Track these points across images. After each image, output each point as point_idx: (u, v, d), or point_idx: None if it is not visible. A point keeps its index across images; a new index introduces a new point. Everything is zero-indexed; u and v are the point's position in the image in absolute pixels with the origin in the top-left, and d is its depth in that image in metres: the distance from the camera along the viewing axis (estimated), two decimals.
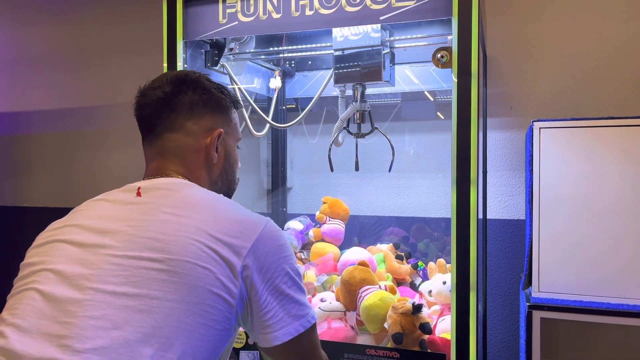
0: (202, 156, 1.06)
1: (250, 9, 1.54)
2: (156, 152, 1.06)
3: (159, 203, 0.93)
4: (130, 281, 0.83)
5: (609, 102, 2.03)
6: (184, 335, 0.81)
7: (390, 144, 1.80)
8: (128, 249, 0.86)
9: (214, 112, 1.07)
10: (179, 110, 1.04)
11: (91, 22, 2.93)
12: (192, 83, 1.06)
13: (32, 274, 0.89)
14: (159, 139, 1.05)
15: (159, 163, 1.04)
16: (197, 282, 0.84)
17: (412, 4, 1.39)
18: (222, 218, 0.91)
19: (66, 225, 0.96)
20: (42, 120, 3.06)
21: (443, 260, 1.78)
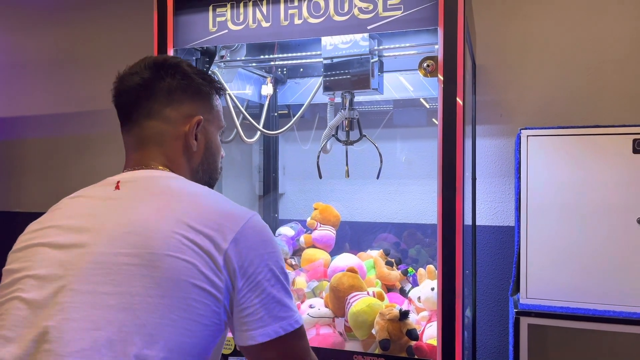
0: (181, 144, 1.02)
1: (240, 17, 1.56)
2: (135, 140, 1.02)
3: (138, 197, 0.91)
4: (110, 279, 0.81)
5: (595, 111, 2.06)
6: (169, 332, 0.79)
7: (378, 151, 1.81)
8: (107, 246, 0.84)
9: (193, 99, 1.03)
10: (156, 97, 1.01)
11: (84, 28, 2.95)
12: (170, 68, 1.02)
13: (15, 281, 0.88)
14: (137, 126, 1.02)
15: (140, 154, 1.01)
16: (179, 275, 0.81)
17: (399, 13, 1.40)
18: (203, 209, 0.88)
19: (45, 227, 0.93)
20: (34, 125, 3.07)
21: (433, 266, 1.80)
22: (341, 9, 1.46)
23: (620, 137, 1.66)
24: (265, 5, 1.53)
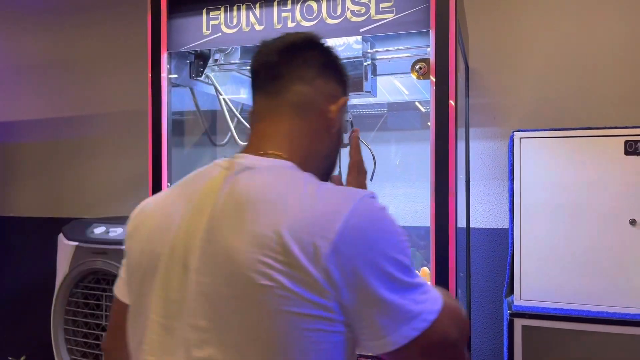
0: (322, 121, 0.92)
1: (233, 20, 1.56)
2: (275, 105, 0.90)
3: (233, 202, 0.79)
4: (207, 315, 0.76)
5: (588, 113, 2.07)
6: None
7: (371, 154, 1.82)
8: (206, 274, 0.77)
9: (338, 81, 0.95)
10: (311, 64, 0.91)
11: (78, 32, 2.95)
12: (326, 47, 0.94)
13: (145, 298, 0.84)
14: (285, 90, 0.89)
15: (266, 124, 0.90)
16: (279, 306, 0.71)
17: (392, 16, 1.41)
18: (298, 217, 0.74)
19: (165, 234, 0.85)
20: (28, 129, 3.07)
21: (427, 269, 1.80)
22: (334, 12, 1.47)
23: (612, 138, 1.67)
24: (258, 9, 1.54)
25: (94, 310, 2.12)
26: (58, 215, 2.90)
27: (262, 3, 1.53)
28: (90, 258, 2.09)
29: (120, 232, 2.11)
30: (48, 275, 2.30)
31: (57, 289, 2.16)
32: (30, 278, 2.97)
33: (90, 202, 2.90)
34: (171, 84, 1.69)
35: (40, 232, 2.90)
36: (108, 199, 2.86)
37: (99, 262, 2.06)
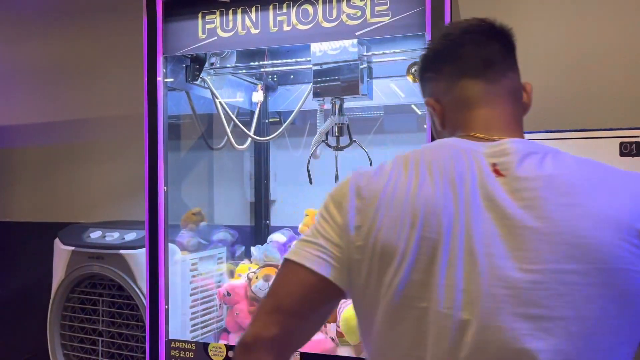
0: (523, 107, 0.94)
1: (229, 24, 1.57)
2: (496, 91, 0.89)
3: (540, 185, 0.75)
4: (544, 303, 0.71)
5: (583, 115, 2.07)
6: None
7: (368, 156, 1.82)
8: (534, 260, 0.71)
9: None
10: (511, 49, 0.93)
11: (73, 36, 2.95)
12: (512, 33, 0.98)
13: (415, 288, 0.76)
14: (503, 77, 0.90)
15: (494, 112, 0.87)
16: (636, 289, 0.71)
17: (387, 19, 1.42)
18: (631, 198, 0.74)
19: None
20: (23, 134, 3.06)
21: None
22: (330, 15, 1.47)
23: (607, 140, 1.68)
24: (254, 12, 1.54)
25: (91, 315, 2.12)
26: (54, 220, 2.89)
27: (257, 7, 1.54)
28: (87, 263, 2.08)
29: (116, 236, 2.10)
30: (44, 281, 2.29)
31: (53, 294, 2.15)
32: (26, 283, 2.96)
33: (86, 207, 2.89)
34: (167, 88, 1.69)
35: (35, 237, 2.89)
36: (104, 203, 2.86)
37: (96, 266, 2.05)
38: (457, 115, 0.89)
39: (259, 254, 1.94)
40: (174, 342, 1.64)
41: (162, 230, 1.66)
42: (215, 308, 1.97)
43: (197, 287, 1.90)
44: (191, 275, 1.89)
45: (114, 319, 2.07)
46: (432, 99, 0.93)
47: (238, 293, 1.85)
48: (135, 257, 1.99)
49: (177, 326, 1.74)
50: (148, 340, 1.66)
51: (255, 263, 1.97)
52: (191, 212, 2.05)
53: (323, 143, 1.84)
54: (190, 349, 1.62)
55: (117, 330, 2.06)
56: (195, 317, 1.87)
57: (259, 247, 1.97)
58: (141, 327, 2.00)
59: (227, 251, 2.11)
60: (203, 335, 1.89)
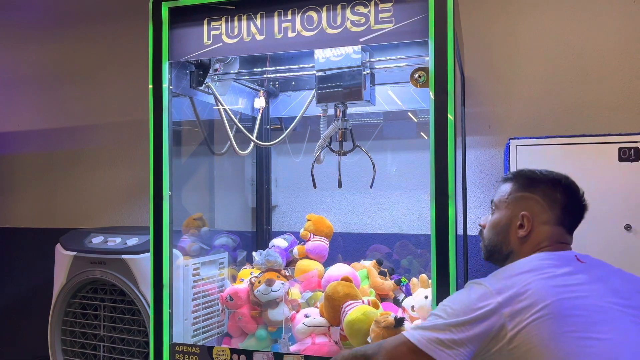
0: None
1: (234, 30, 1.58)
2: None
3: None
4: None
5: (582, 121, 2.10)
6: None
7: (371, 161, 1.84)
8: None
9: None
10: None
11: (75, 42, 2.96)
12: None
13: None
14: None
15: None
16: None
17: (391, 26, 1.44)
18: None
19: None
20: (25, 140, 3.07)
21: (425, 275, 1.81)
22: (334, 22, 1.49)
23: (606, 145, 1.71)
24: (259, 19, 1.56)
25: (92, 320, 2.12)
26: (55, 226, 2.89)
27: (262, 13, 1.55)
28: (88, 268, 2.08)
29: (118, 241, 2.10)
30: (45, 286, 2.29)
31: (55, 300, 2.15)
32: (28, 289, 2.95)
33: (88, 213, 2.89)
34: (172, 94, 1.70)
35: (37, 243, 2.88)
36: (105, 209, 2.86)
37: (97, 271, 2.06)
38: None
39: (261, 259, 1.95)
40: (178, 346, 1.64)
41: (166, 235, 1.66)
42: (217, 313, 1.97)
43: (199, 292, 1.90)
44: (193, 280, 1.89)
45: (115, 324, 2.07)
46: None
47: (240, 297, 1.86)
48: (138, 262, 1.99)
49: (179, 331, 1.74)
50: (152, 344, 1.66)
51: (257, 268, 1.98)
52: (193, 217, 2.05)
53: (326, 148, 1.85)
54: (195, 353, 1.62)
55: (119, 336, 2.06)
56: (197, 322, 1.88)
57: (261, 252, 1.98)
58: (143, 332, 2.00)
59: (229, 256, 2.11)
60: (205, 340, 1.89)
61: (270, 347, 1.76)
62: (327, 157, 1.93)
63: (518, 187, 1.30)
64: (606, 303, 1.06)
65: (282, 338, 1.72)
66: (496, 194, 1.36)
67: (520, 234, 1.25)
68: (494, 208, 1.34)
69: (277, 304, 1.77)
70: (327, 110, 1.85)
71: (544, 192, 1.27)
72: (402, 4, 1.43)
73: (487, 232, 1.34)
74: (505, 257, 1.29)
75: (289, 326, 1.73)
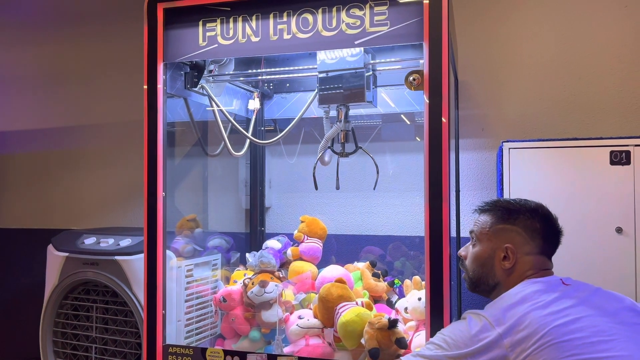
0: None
1: (229, 32, 1.58)
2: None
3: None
4: None
5: (573, 124, 2.12)
6: None
7: (374, 162, 1.84)
8: None
9: None
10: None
11: (70, 43, 2.95)
12: None
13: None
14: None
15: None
16: None
17: (386, 29, 1.45)
18: None
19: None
20: (18, 139, 3.04)
21: (418, 277, 1.82)
22: (329, 24, 1.50)
23: (598, 149, 1.72)
24: (254, 21, 1.56)
25: (84, 322, 2.10)
26: (47, 227, 2.87)
27: (258, 15, 1.56)
28: (81, 269, 2.07)
29: (111, 242, 2.10)
30: (37, 287, 2.27)
31: (46, 301, 2.14)
32: (19, 290, 2.93)
33: (80, 214, 2.88)
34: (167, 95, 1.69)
35: (29, 243, 2.86)
36: (98, 210, 2.84)
37: (90, 272, 2.05)
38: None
39: (254, 261, 1.95)
40: (172, 348, 1.63)
41: (160, 236, 1.66)
42: (210, 314, 1.97)
43: (192, 294, 1.90)
44: (186, 282, 1.89)
45: (108, 325, 2.06)
46: None
47: (234, 299, 1.86)
48: (131, 263, 1.98)
49: (172, 332, 1.73)
50: (145, 345, 1.65)
51: (250, 269, 1.98)
52: (186, 218, 2.05)
53: (328, 149, 1.85)
54: (188, 354, 1.61)
55: (111, 337, 2.05)
56: (190, 323, 1.87)
57: (254, 254, 1.98)
58: (135, 333, 2.00)
59: (222, 257, 2.11)
60: (198, 342, 1.88)
61: (264, 349, 1.76)
62: (331, 157, 1.93)
63: (498, 219, 1.32)
64: (599, 322, 1.07)
65: (276, 339, 1.72)
66: (475, 224, 1.37)
67: (506, 266, 1.28)
68: (474, 239, 1.35)
69: (271, 306, 1.77)
70: (329, 112, 1.85)
71: (524, 224, 1.29)
72: (397, 7, 1.44)
73: (470, 263, 1.35)
74: (491, 288, 1.31)
75: (282, 328, 1.73)
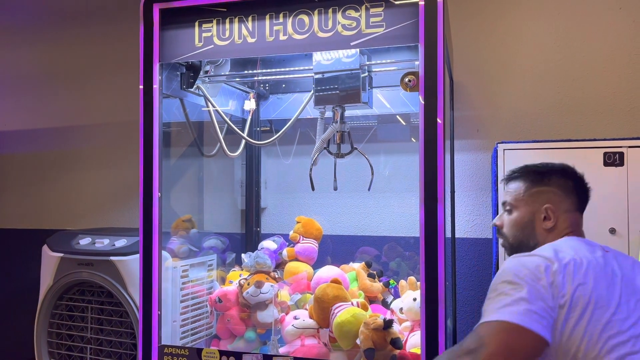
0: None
1: (225, 33, 1.59)
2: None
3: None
4: None
5: (567, 126, 2.14)
6: None
7: (369, 163, 1.85)
8: None
9: None
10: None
11: (65, 43, 2.94)
12: None
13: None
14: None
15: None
16: None
17: (381, 30, 1.45)
18: None
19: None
20: (13, 140, 3.03)
21: (414, 278, 1.83)
22: (325, 25, 1.50)
23: (591, 150, 1.73)
24: (250, 22, 1.56)
25: (79, 322, 2.10)
26: (42, 227, 2.86)
27: (254, 16, 1.56)
28: (76, 269, 2.06)
29: (106, 243, 2.09)
30: (32, 288, 2.26)
31: (41, 301, 2.13)
32: (14, 290, 2.92)
33: (76, 214, 2.87)
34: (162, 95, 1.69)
35: (24, 244, 2.85)
36: (93, 210, 2.84)
37: (85, 273, 2.04)
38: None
39: (250, 261, 1.95)
40: (167, 348, 1.63)
41: (156, 237, 1.66)
42: (206, 315, 1.97)
43: (187, 294, 1.90)
44: (182, 282, 1.88)
45: (103, 326, 2.06)
46: None
47: (229, 299, 1.86)
48: (126, 264, 1.98)
49: (167, 333, 1.73)
50: (140, 346, 1.65)
51: (246, 270, 1.98)
52: (182, 219, 2.05)
53: (324, 150, 1.85)
54: (184, 355, 1.61)
55: (106, 338, 2.04)
56: (185, 324, 1.87)
57: (250, 254, 1.98)
58: (130, 334, 1.99)
59: (218, 258, 2.11)
60: (193, 342, 1.88)
61: (259, 349, 1.77)
62: (319, 159, 1.93)
63: (532, 183, 1.35)
64: (626, 301, 1.11)
65: (272, 340, 1.73)
66: (507, 194, 1.39)
67: (547, 226, 1.31)
68: (509, 208, 1.38)
69: (266, 306, 1.77)
70: (325, 112, 1.85)
71: (558, 183, 1.33)
72: (392, 8, 1.44)
73: (509, 230, 1.37)
74: (531, 248, 1.32)
75: (278, 328, 1.74)
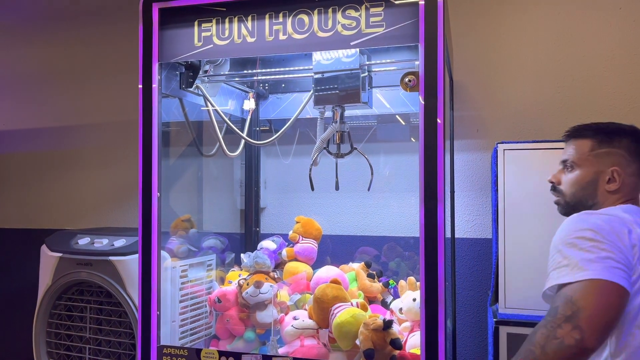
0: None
1: (225, 32, 1.58)
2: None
3: None
4: None
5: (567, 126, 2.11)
6: None
7: (368, 163, 1.85)
8: None
9: None
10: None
11: (65, 42, 2.93)
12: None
13: None
14: None
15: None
16: None
17: (381, 30, 1.45)
18: None
19: None
20: (12, 139, 3.03)
21: (413, 278, 1.82)
22: (325, 25, 1.50)
23: None
24: (250, 21, 1.56)
25: (78, 322, 2.09)
26: (41, 227, 2.86)
27: (254, 15, 1.55)
28: (74, 269, 2.06)
29: (105, 242, 2.09)
30: (30, 288, 2.26)
31: (40, 301, 2.13)
32: (12, 290, 2.91)
33: (74, 214, 2.86)
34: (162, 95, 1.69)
35: (22, 243, 2.85)
36: (92, 210, 2.83)
37: (84, 273, 2.04)
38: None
39: (249, 261, 1.95)
40: (166, 348, 1.63)
41: (155, 237, 1.65)
42: (205, 315, 1.96)
43: (186, 294, 1.90)
44: (181, 282, 1.88)
45: (102, 326, 2.05)
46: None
47: (229, 299, 1.85)
48: (125, 264, 1.98)
49: (166, 333, 1.73)
50: (139, 346, 1.65)
51: (245, 270, 1.97)
52: (181, 218, 2.04)
53: (324, 150, 1.85)
54: (183, 355, 1.61)
55: (105, 338, 2.04)
56: (184, 324, 1.87)
57: (249, 254, 1.98)
58: (129, 334, 1.99)
59: (217, 258, 2.11)
60: (192, 343, 1.88)
61: (259, 350, 1.76)
62: (321, 159, 1.93)
63: (599, 143, 1.33)
64: None
65: (271, 340, 1.72)
66: (569, 151, 1.38)
67: (611, 188, 1.29)
68: (572, 166, 1.36)
69: (266, 306, 1.77)
70: (325, 112, 1.85)
71: (628, 146, 1.30)
72: (392, 8, 1.44)
73: (568, 187, 1.36)
74: (588, 208, 1.32)
75: (277, 328, 1.73)
